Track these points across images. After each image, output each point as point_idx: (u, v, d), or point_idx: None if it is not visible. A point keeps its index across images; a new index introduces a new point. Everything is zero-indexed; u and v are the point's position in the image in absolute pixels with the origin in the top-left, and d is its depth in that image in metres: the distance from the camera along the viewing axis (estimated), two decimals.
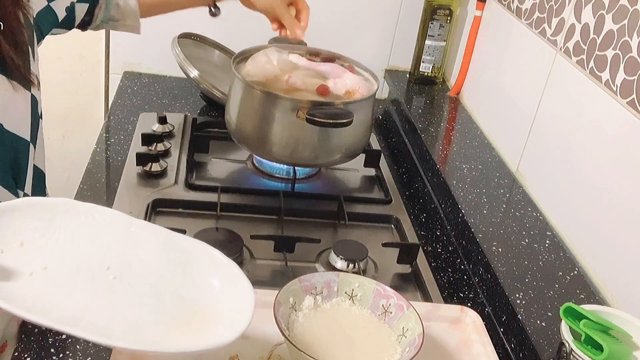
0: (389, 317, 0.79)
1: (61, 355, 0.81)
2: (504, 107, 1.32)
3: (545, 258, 0.98)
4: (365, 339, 0.77)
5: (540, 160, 1.16)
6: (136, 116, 1.41)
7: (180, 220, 1.10)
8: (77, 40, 1.64)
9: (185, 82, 1.55)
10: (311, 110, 1.07)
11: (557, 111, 1.12)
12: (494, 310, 0.94)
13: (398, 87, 1.61)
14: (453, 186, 1.15)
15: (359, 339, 0.77)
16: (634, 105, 0.91)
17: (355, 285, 0.82)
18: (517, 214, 1.10)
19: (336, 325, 0.79)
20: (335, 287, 0.81)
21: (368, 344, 0.77)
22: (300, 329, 0.76)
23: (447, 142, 1.38)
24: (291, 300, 0.78)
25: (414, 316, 0.77)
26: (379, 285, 0.81)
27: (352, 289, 0.82)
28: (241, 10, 1.62)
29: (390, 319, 0.79)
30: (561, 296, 0.90)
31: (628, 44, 0.93)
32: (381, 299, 0.80)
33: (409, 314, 0.77)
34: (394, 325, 0.79)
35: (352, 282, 0.82)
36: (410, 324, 0.77)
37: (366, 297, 0.81)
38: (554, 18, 1.16)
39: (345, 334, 0.77)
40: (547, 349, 0.81)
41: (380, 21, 1.65)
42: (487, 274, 0.96)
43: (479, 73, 1.47)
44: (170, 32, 1.48)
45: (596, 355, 0.71)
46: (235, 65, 1.21)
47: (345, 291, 0.82)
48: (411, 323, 0.77)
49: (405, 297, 0.79)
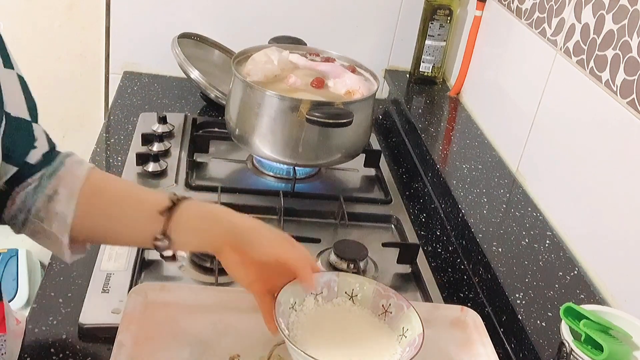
0: (389, 317, 0.79)
1: (61, 355, 0.81)
2: (504, 107, 1.32)
3: (545, 258, 0.98)
4: (366, 339, 0.77)
5: (540, 160, 1.16)
6: (136, 116, 1.41)
7: None
8: (77, 40, 1.65)
9: (185, 82, 1.55)
10: (311, 110, 1.07)
11: (557, 111, 1.12)
12: (494, 310, 0.94)
13: (398, 87, 1.61)
14: (453, 186, 1.15)
15: (359, 339, 0.77)
16: (634, 105, 0.91)
17: (355, 285, 0.81)
18: (517, 214, 1.10)
19: (336, 325, 0.78)
20: (336, 287, 0.81)
21: (368, 343, 0.76)
22: (300, 329, 0.76)
23: (447, 142, 1.38)
24: (292, 300, 0.77)
25: (414, 316, 0.76)
26: (379, 285, 0.81)
27: (352, 289, 0.81)
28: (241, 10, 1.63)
29: (391, 319, 0.79)
30: (561, 296, 0.90)
31: (628, 44, 0.93)
32: (381, 299, 0.80)
33: (408, 314, 0.77)
34: (394, 325, 0.78)
35: (352, 283, 0.81)
36: (410, 324, 0.76)
37: (366, 297, 0.81)
38: (554, 18, 1.16)
39: (345, 334, 0.77)
40: (547, 349, 0.81)
41: (380, 21, 1.65)
42: (487, 274, 0.96)
43: (479, 73, 1.47)
44: (170, 32, 1.48)
45: (596, 355, 0.71)
46: (235, 65, 1.21)
47: (345, 291, 0.81)
48: (411, 323, 0.76)
49: (406, 297, 0.79)
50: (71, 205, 0.73)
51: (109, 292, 0.89)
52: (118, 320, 0.79)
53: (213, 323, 0.81)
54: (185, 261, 0.99)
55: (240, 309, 0.82)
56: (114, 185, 0.80)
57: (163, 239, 0.73)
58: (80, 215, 0.73)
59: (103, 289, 0.89)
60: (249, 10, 1.60)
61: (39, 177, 0.74)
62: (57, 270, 0.94)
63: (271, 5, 1.59)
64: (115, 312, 0.85)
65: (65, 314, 0.87)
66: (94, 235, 0.77)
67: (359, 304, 0.81)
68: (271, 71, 1.19)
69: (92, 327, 0.84)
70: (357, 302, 0.81)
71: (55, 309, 0.87)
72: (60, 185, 0.74)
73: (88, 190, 0.74)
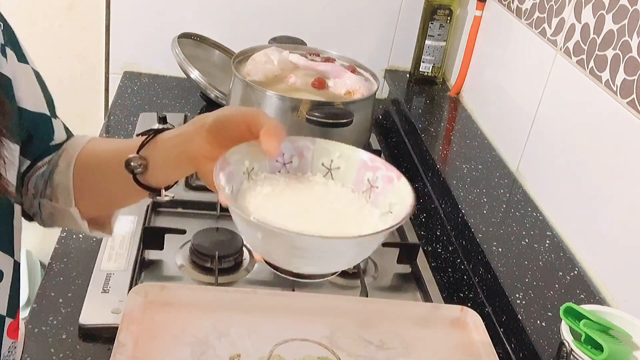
0: (374, 193, 0.62)
1: (61, 355, 0.81)
2: (504, 107, 1.32)
3: (545, 258, 0.98)
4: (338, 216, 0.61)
5: (540, 160, 1.16)
6: (136, 116, 1.41)
7: (180, 220, 1.10)
8: (77, 40, 1.65)
9: (185, 82, 1.55)
10: (311, 110, 1.07)
11: (557, 111, 1.12)
12: (494, 310, 0.94)
13: (398, 87, 1.61)
14: (453, 186, 1.15)
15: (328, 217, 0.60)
16: (634, 105, 0.91)
17: (335, 155, 0.64)
18: (517, 214, 1.10)
19: (303, 201, 0.61)
20: (310, 156, 0.64)
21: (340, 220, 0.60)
22: (252, 201, 0.59)
23: (447, 142, 1.38)
24: (246, 163, 0.61)
25: (405, 188, 0.60)
26: (366, 154, 0.64)
27: (331, 160, 0.64)
28: (241, 10, 1.63)
29: (376, 195, 0.62)
30: (561, 296, 0.90)
31: (628, 44, 0.93)
32: (367, 172, 0.63)
33: (399, 187, 0.61)
34: (379, 202, 0.62)
35: (332, 152, 0.64)
36: (400, 196, 0.60)
37: (349, 170, 0.64)
38: (554, 18, 1.16)
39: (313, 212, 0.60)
40: (547, 349, 0.81)
41: (380, 21, 1.65)
42: (487, 274, 0.96)
43: (479, 73, 1.47)
44: (170, 32, 1.48)
45: (596, 355, 0.71)
46: (235, 65, 1.21)
47: (322, 162, 0.64)
48: (401, 195, 0.60)
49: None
50: (69, 174, 0.72)
51: (109, 292, 0.89)
52: (118, 320, 0.79)
53: (213, 323, 0.81)
54: (185, 261, 0.99)
55: (240, 309, 0.82)
56: (105, 145, 0.76)
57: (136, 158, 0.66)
58: (78, 185, 0.72)
59: (103, 289, 0.89)
60: (249, 11, 1.60)
61: (47, 160, 0.74)
62: (57, 270, 0.94)
63: (271, 5, 1.59)
64: (115, 312, 0.85)
65: (65, 314, 0.87)
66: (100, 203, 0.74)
67: (338, 179, 0.64)
68: (271, 71, 1.19)
69: (92, 327, 0.84)
70: (336, 176, 0.64)
71: (55, 309, 0.87)
72: (61, 158, 0.73)
73: (82, 157, 0.73)
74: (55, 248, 0.99)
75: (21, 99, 0.69)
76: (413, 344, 0.82)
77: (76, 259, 0.97)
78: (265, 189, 0.61)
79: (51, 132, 0.74)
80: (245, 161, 0.61)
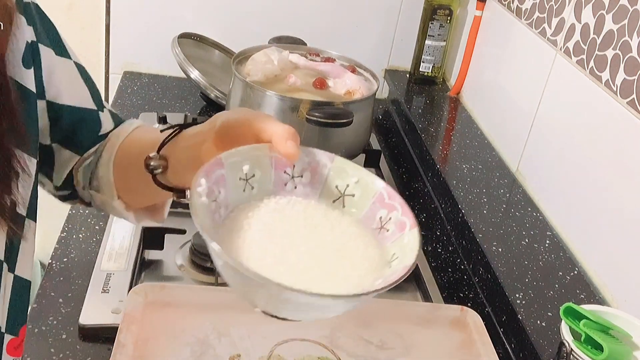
0: (382, 236, 0.54)
1: (61, 355, 0.81)
2: (504, 107, 1.32)
3: (545, 258, 0.98)
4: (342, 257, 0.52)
5: (540, 160, 1.16)
6: (136, 116, 1.41)
7: (180, 220, 1.09)
8: (77, 40, 1.64)
9: (185, 82, 1.55)
10: (311, 110, 1.07)
11: (557, 111, 1.12)
12: (494, 310, 0.94)
13: (398, 87, 1.61)
14: (453, 186, 1.15)
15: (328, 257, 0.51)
16: (634, 105, 0.91)
17: (352, 180, 0.56)
18: (517, 214, 1.10)
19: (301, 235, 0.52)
20: (325, 174, 0.56)
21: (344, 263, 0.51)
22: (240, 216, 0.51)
23: (447, 142, 1.38)
24: (245, 168, 0.52)
25: (411, 243, 0.52)
26: (386, 188, 0.56)
27: (346, 185, 0.56)
28: (241, 10, 1.63)
29: (384, 238, 0.54)
30: (561, 296, 0.90)
31: (628, 44, 0.93)
32: (381, 209, 0.55)
33: (408, 239, 0.53)
34: (386, 248, 0.54)
35: (350, 175, 0.56)
36: (402, 253, 0.52)
37: (362, 201, 0.56)
38: (554, 18, 1.16)
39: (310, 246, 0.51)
40: (547, 349, 0.81)
41: (380, 21, 1.65)
42: (487, 274, 0.96)
43: (479, 73, 1.47)
44: (170, 32, 1.48)
45: (596, 355, 0.71)
46: (235, 65, 1.21)
47: (336, 185, 0.56)
48: (403, 251, 0.52)
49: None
50: (109, 167, 0.69)
51: (109, 292, 0.89)
52: (118, 320, 0.79)
53: (213, 323, 0.81)
54: (185, 261, 0.99)
55: (240, 309, 0.82)
56: (146, 135, 0.71)
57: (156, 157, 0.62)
58: (119, 177, 0.69)
59: (103, 289, 0.89)
60: (249, 10, 1.60)
61: (93, 150, 0.72)
62: (57, 270, 0.94)
63: (271, 5, 1.59)
64: (115, 312, 0.85)
65: (65, 314, 0.87)
66: (141, 196, 0.71)
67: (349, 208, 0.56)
68: (271, 71, 1.19)
69: (92, 327, 0.84)
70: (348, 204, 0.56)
71: (55, 309, 0.87)
72: (105, 149, 0.71)
73: (123, 149, 0.70)
74: (55, 248, 0.99)
75: (61, 94, 0.67)
76: (413, 344, 0.82)
77: (76, 259, 0.97)
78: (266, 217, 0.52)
79: (97, 125, 0.71)
80: (245, 165, 0.52)
